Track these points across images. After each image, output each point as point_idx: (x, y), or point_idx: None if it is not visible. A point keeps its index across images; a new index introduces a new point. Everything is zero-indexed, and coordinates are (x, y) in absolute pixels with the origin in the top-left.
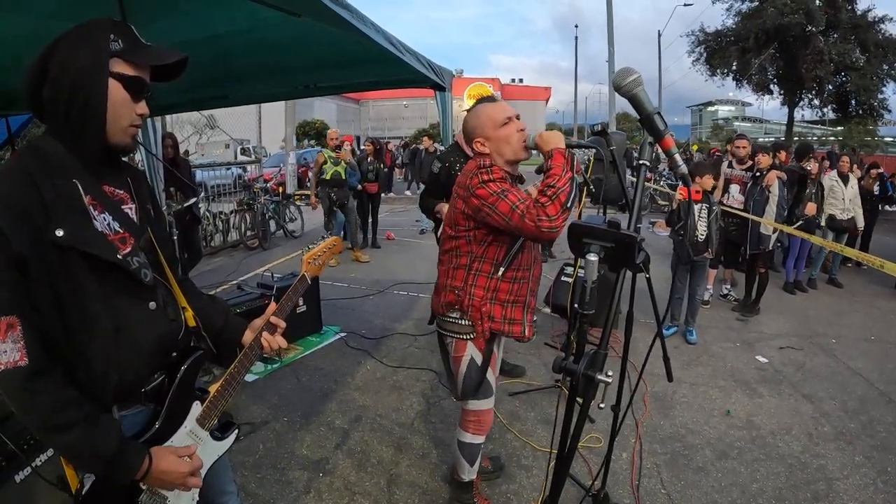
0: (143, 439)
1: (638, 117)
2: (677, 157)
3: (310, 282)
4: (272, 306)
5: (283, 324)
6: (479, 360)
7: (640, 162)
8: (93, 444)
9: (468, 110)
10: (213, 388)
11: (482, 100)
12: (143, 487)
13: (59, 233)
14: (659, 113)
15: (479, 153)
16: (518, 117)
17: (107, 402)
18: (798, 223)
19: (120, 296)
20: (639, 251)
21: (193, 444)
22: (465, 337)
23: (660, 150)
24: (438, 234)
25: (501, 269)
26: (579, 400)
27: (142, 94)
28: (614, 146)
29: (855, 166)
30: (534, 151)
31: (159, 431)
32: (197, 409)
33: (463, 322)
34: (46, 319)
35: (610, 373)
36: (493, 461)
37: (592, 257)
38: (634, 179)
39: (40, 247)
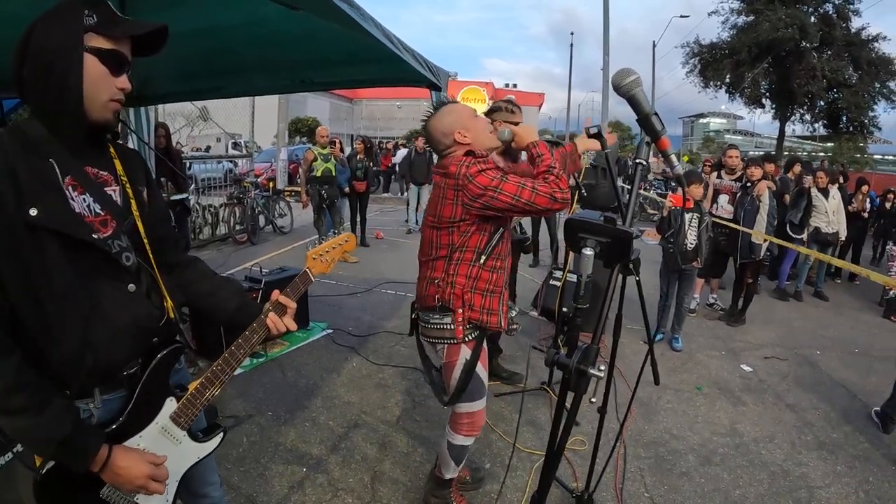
0: (109, 430)
1: (636, 117)
2: (673, 157)
3: (313, 279)
4: (275, 293)
5: (293, 304)
6: (472, 361)
7: (637, 161)
8: (43, 429)
9: (427, 118)
10: (192, 385)
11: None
12: (106, 482)
13: (33, 212)
14: (656, 114)
15: (460, 143)
16: None
17: (84, 385)
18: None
19: (95, 277)
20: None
21: (167, 441)
22: (456, 341)
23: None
24: None
25: (483, 258)
26: (567, 404)
27: (122, 68)
28: (609, 149)
29: (840, 177)
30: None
31: (125, 423)
32: (171, 405)
33: (452, 326)
34: (17, 300)
35: (602, 367)
36: (474, 472)
37: (588, 252)
38: (628, 182)
39: (12, 227)
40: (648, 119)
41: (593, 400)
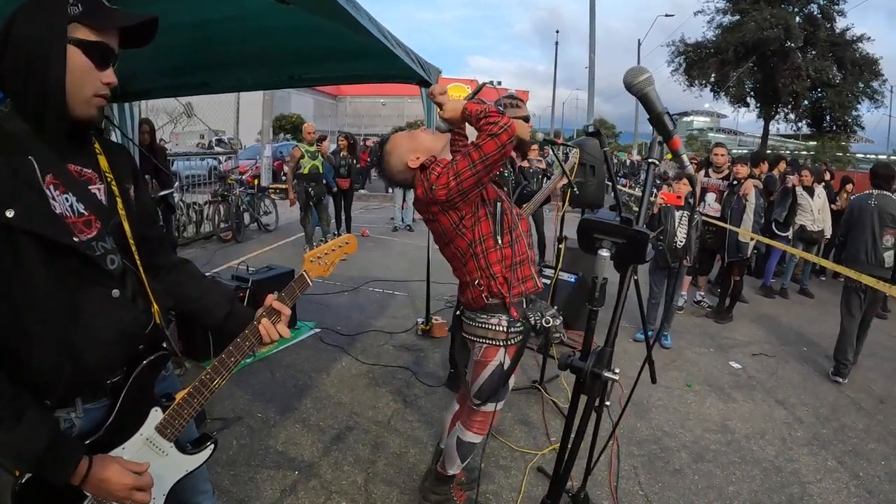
0: (90, 441)
1: (648, 116)
2: (684, 157)
3: (311, 282)
4: (270, 298)
5: (287, 310)
6: (507, 366)
7: (650, 160)
8: (17, 444)
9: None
10: (179, 395)
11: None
12: (88, 494)
13: (10, 213)
14: (668, 112)
15: (416, 168)
16: None
17: (64, 394)
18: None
19: (77, 282)
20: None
21: (153, 453)
22: (498, 343)
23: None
24: None
25: (499, 238)
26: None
27: (107, 62)
28: (607, 147)
29: (826, 175)
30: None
31: (107, 435)
32: (157, 415)
33: (498, 328)
34: None
35: (617, 370)
36: (468, 473)
37: (604, 253)
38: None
39: None
40: (661, 118)
41: (608, 403)
